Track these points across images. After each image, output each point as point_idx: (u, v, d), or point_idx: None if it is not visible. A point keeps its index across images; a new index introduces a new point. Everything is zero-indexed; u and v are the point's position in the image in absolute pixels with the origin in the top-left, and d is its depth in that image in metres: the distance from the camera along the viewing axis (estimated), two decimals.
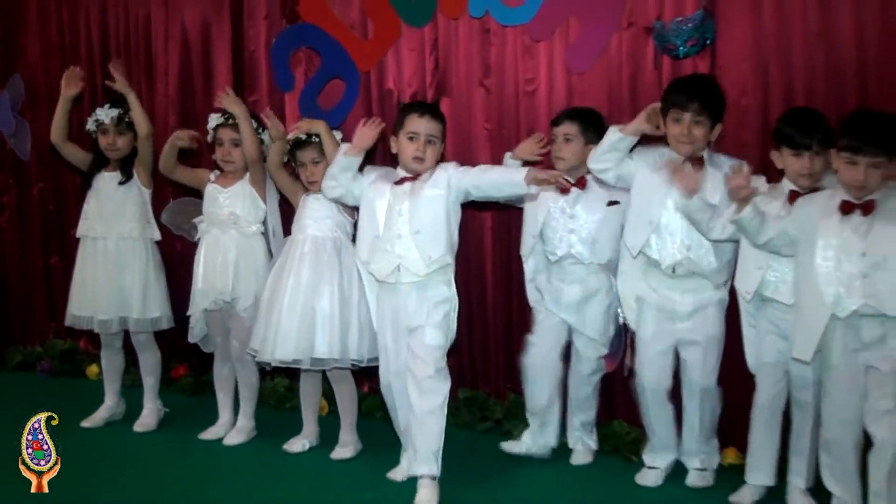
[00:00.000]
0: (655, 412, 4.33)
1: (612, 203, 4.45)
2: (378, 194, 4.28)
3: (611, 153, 4.22)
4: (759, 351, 4.10)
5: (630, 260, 4.32)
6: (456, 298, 4.31)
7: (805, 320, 3.77)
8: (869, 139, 3.57)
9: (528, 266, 4.69)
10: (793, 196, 3.92)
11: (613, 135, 4.19)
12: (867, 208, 3.63)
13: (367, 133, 4.28)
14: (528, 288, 4.72)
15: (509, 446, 4.71)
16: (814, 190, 3.91)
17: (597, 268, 4.49)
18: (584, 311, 4.52)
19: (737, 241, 4.07)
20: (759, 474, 4.12)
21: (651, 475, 4.36)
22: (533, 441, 4.67)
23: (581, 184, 4.48)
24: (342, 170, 4.30)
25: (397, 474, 4.41)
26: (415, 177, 4.26)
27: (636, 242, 4.24)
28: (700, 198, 3.99)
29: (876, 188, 3.63)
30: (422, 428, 4.16)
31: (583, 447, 4.65)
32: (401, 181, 4.27)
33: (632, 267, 4.33)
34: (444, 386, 4.20)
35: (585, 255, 4.46)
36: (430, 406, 4.15)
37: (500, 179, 4.16)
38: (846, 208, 3.66)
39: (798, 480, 4.04)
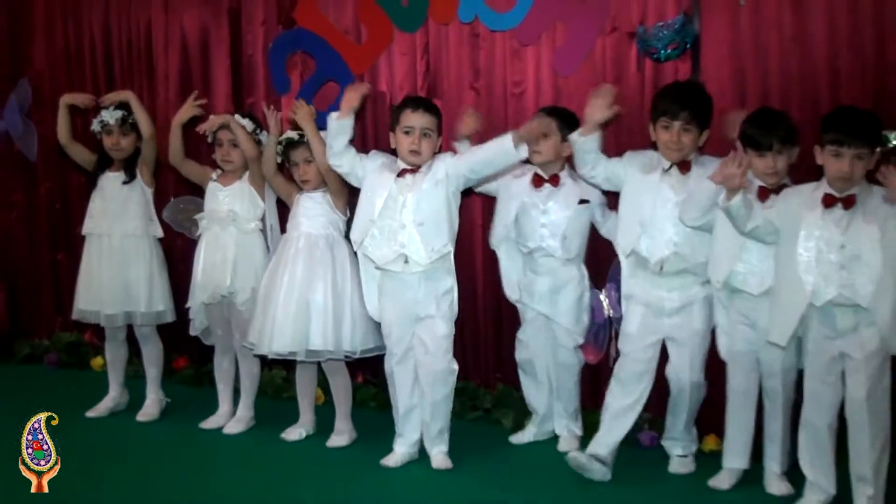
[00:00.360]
0: (618, 409, 4.19)
1: (583, 202, 4.44)
2: (380, 182, 4.29)
3: (585, 156, 4.18)
4: (730, 340, 4.07)
5: (625, 261, 4.26)
6: (456, 283, 4.36)
7: (782, 306, 3.76)
8: (852, 132, 3.58)
9: (502, 254, 4.67)
10: (761, 191, 3.91)
11: (576, 140, 4.16)
12: (848, 203, 3.62)
13: (351, 95, 4.31)
14: (504, 282, 4.70)
15: (517, 438, 4.70)
16: (781, 187, 3.89)
17: (566, 261, 4.47)
18: (557, 301, 4.50)
19: (709, 231, 4.03)
20: (734, 458, 4.10)
21: (597, 469, 4.15)
22: (538, 430, 4.69)
23: (554, 181, 4.45)
24: (335, 135, 4.31)
25: (390, 461, 4.38)
26: (415, 169, 4.27)
27: (627, 243, 4.19)
28: (721, 190, 3.86)
29: (860, 180, 3.63)
30: (435, 412, 4.32)
31: (568, 434, 4.62)
32: (402, 173, 4.28)
33: (625, 268, 4.27)
34: (454, 373, 4.37)
35: (556, 249, 4.44)
36: (443, 393, 4.32)
37: (490, 154, 4.16)
38: (828, 202, 3.65)
39: (773, 465, 4.02)
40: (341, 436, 4.70)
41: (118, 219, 5.01)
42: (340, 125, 4.29)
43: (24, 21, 6.30)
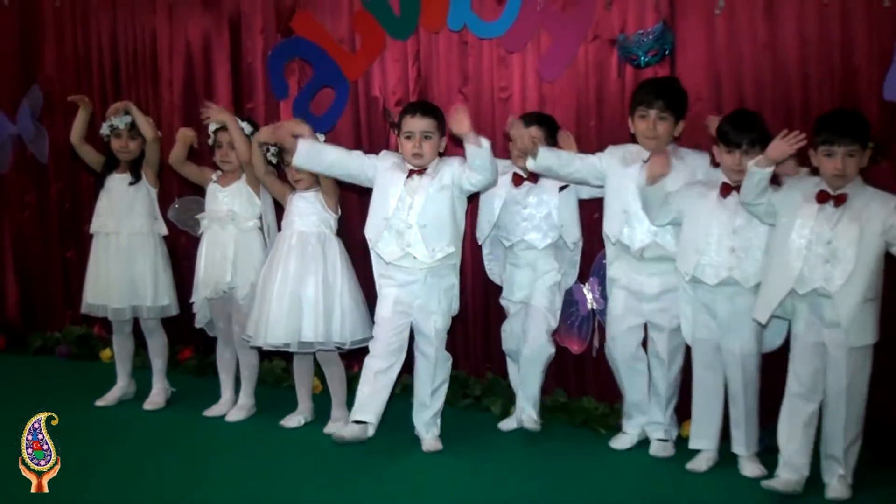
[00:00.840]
0: (628, 378, 4.25)
1: (563, 188, 4.37)
2: (392, 181, 4.25)
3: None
4: (692, 327, 4.04)
5: (611, 247, 4.24)
6: (458, 280, 4.36)
7: (769, 287, 3.74)
8: (842, 131, 3.57)
9: (486, 248, 4.65)
10: (724, 188, 3.88)
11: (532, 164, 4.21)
12: (839, 201, 3.60)
13: (280, 134, 4.39)
14: (487, 265, 4.69)
15: (505, 425, 4.62)
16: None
17: (546, 252, 4.41)
18: (535, 285, 4.43)
19: (678, 225, 4.00)
20: (701, 440, 4.07)
21: (623, 439, 4.32)
22: (518, 416, 4.59)
23: (533, 178, 4.39)
24: (306, 164, 4.33)
25: (345, 432, 4.27)
26: (422, 170, 4.23)
27: (614, 231, 4.16)
28: (661, 185, 3.91)
29: (853, 177, 3.60)
30: (432, 398, 4.34)
31: (528, 419, 4.44)
32: (410, 174, 4.24)
33: (609, 253, 4.25)
34: (449, 362, 4.42)
35: (537, 241, 4.38)
36: (440, 381, 4.36)
37: (468, 158, 4.12)
38: (822, 198, 3.63)
39: (740, 449, 3.99)
40: (337, 422, 4.62)
41: (125, 218, 4.94)
42: (300, 162, 4.30)
43: (35, 30, 6.19)
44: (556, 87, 4.68)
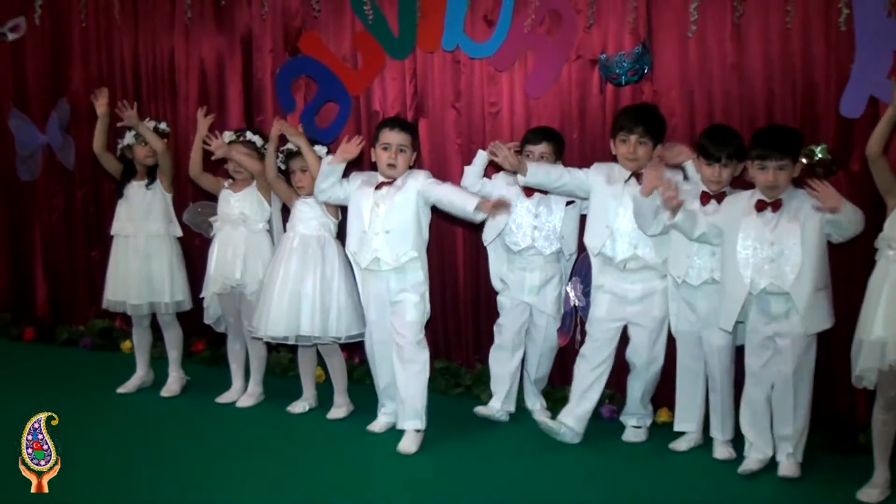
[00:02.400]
0: (585, 385, 4.06)
1: (569, 202, 4.22)
2: (363, 197, 4.09)
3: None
4: (677, 320, 3.95)
5: (594, 258, 4.08)
6: (427, 280, 4.13)
7: (727, 297, 3.67)
8: (773, 147, 3.51)
9: (492, 254, 4.42)
10: (704, 197, 3.79)
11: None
12: (776, 206, 3.54)
13: (349, 148, 4.09)
14: (493, 279, 4.45)
15: (481, 410, 4.44)
16: (721, 194, 3.78)
17: (552, 258, 4.26)
18: (544, 294, 4.28)
19: (667, 234, 3.87)
20: (683, 423, 3.99)
21: (566, 432, 4.08)
22: (501, 406, 4.42)
23: (543, 190, 4.21)
24: (325, 177, 4.14)
25: (375, 426, 4.24)
26: (391, 181, 4.07)
27: (596, 244, 4.01)
28: (654, 197, 3.74)
29: (785, 187, 3.54)
30: (407, 390, 4.03)
31: (541, 406, 4.44)
32: (380, 185, 4.08)
33: (594, 263, 4.09)
34: (423, 354, 4.07)
35: (545, 248, 4.22)
36: (412, 371, 4.04)
37: (455, 205, 3.97)
38: (760, 206, 3.57)
39: (717, 433, 3.90)
40: (339, 409, 4.51)
41: (142, 221, 4.80)
42: (332, 169, 4.11)
43: (63, 49, 6.01)
44: (542, 103, 4.55)
